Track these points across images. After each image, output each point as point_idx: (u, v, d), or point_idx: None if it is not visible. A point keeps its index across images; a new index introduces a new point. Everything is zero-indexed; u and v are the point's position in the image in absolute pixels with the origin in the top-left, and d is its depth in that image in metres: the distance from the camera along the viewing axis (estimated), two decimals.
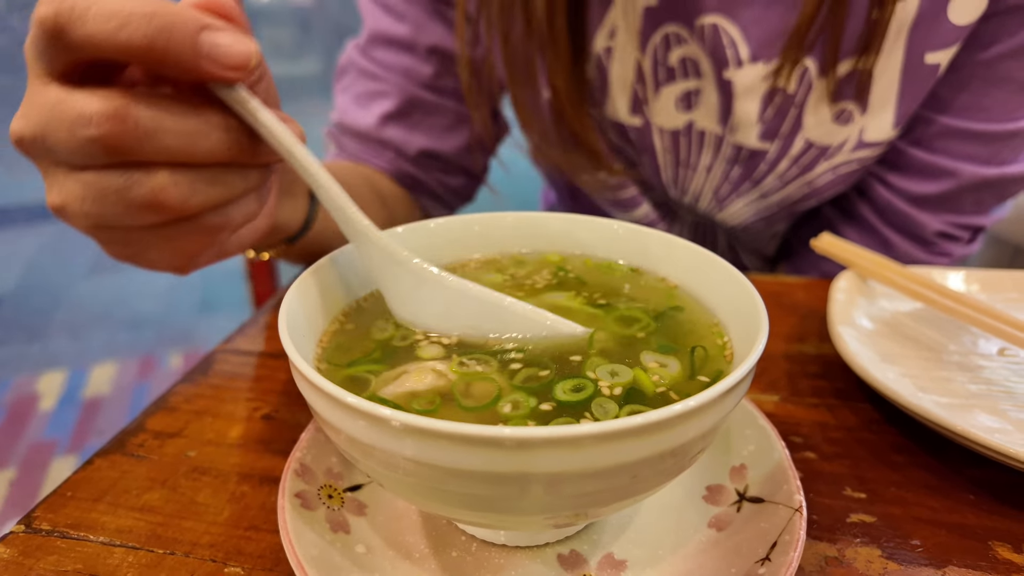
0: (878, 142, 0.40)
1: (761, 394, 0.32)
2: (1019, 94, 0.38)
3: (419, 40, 0.45)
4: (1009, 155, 0.41)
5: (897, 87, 0.38)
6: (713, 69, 0.40)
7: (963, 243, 0.46)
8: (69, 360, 1.95)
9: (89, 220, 0.23)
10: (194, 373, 0.33)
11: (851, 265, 0.37)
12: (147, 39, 0.19)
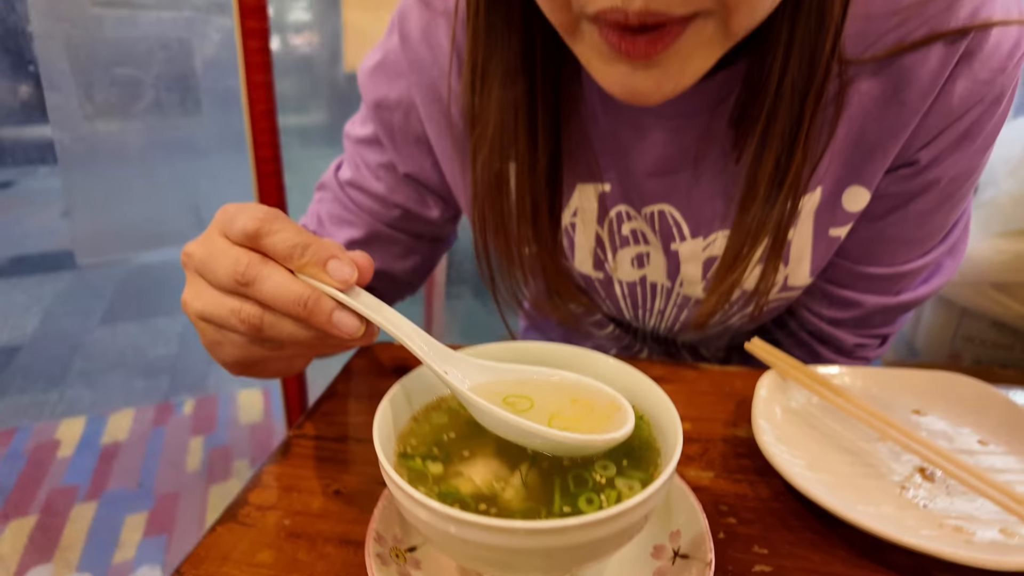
0: (799, 286, 0.52)
1: (701, 471, 0.43)
2: (904, 247, 0.51)
3: (390, 198, 0.57)
4: (905, 286, 0.53)
5: (810, 250, 0.50)
6: (660, 241, 0.52)
7: (876, 348, 0.58)
8: (87, 407, 2.03)
9: (208, 316, 0.35)
10: (276, 455, 0.45)
11: (772, 365, 0.49)
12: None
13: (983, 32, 0.41)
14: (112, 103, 0.87)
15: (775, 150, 0.41)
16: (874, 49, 0.42)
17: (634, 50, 0.34)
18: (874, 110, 0.44)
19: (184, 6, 0.88)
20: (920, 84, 0.42)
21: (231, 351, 0.36)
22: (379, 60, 0.54)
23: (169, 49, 0.89)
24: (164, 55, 0.89)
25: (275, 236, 0.32)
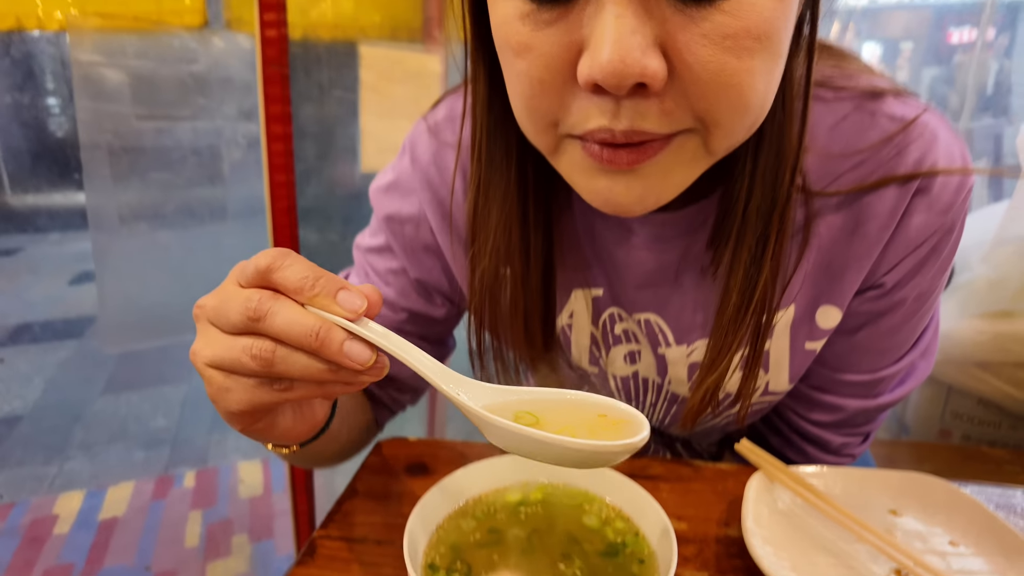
0: (780, 391, 0.57)
1: (696, 572, 0.47)
2: (878, 356, 0.55)
3: (399, 303, 0.61)
4: (882, 389, 0.57)
5: (788, 360, 0.55)
6: (648, 344, 0.57)
7: (859, 445, 0.62)
8: (86, 480, 2.02)
9: (218, 361, 0.34)
10: (305, 556, 0.48)
11: (760, 467, 0.53)
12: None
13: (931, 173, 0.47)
14: (146, 205, 0.94)
15: (744, 267, 0.46)
16: (836, 185, 0.48)
17: (617, 159, 0.36)
18: (840, 240, 0.50)
19: (216, 116, 0.97)
20: (880, 219, 0.48)
21: (239, 397, 0.35)
22: (392, 180, 0.60)
23: (200, 155, 0.97)
24: (195, 160, 0.97)
25: (286, 270, 0.33)
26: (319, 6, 1.12)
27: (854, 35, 6.64)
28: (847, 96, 0.48)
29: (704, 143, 0.37)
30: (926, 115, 0.47)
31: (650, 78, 0.32)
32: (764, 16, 0.32)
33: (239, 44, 1.02)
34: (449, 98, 0.59)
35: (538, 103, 0.37)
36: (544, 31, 0.34)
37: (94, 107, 0.86)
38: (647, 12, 0.32)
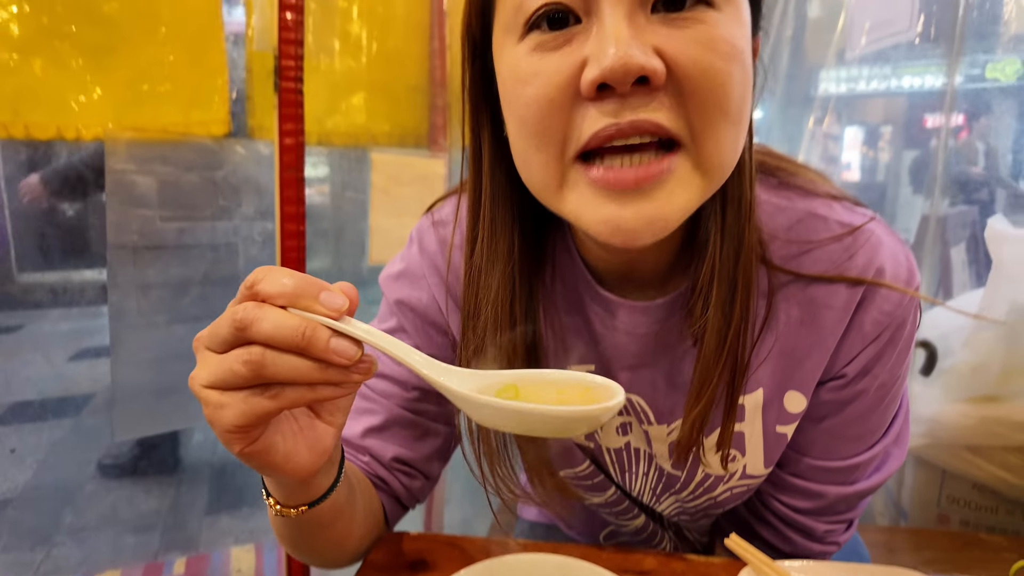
0: (758, 475, 0.60)
1: None
2: (850, 443, 0.58)
3: (411, 381, 0.62)
4: (859, 476, 0.60)
5: (761, 443, 0.58)
6: (636, 418, 0.60)
7: (843, 532, 0.64)
8: (73, 567, 1.96)
9: (213, 379, 0.35)
10: None
11: (748, 562, 0.56)
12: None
13: (879, 273, 0.52)
14: (164, 298, 0.99)
15: (719, 318, 0.49)
16: (793, 267, 0.53)
17: (622, 178, 0.39)
18: (800, 330, 0.54)
19: (235, 216, 1.04)
20: (834, 312, 0.52)
21: (234, 410, 0.35)
22: (402, 268, 0.63)
23: (217, 251, 1.03)
24: (213, 256, 1.03)
25: (267, 280, 0.34)
26: (334, 117, 1.22)
27: (835, 120, 6.92)
28: (800, 202, 0.54)
29: (698, 161, 0.41)
30: (872, 223, 0.53)
31: (651, 72, 0.37)
32: (732, 32, 0.40)
33: (259, 150, 1.10)
34: (453, 197, 0.64)
35: (548, 123, 0.41)
36: (550, 56, 0.40)
37: (123, 210, 0.93)
38: (642, 26, 0.39)
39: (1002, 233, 1.22)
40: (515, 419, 0.32)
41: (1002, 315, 1.21)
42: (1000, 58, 4.16)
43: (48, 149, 0.96)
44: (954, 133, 3.58)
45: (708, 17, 0.39)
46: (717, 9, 0.40)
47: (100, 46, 0.94)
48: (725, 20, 0.40)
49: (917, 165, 4.00)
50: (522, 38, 0.42)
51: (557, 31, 0.40)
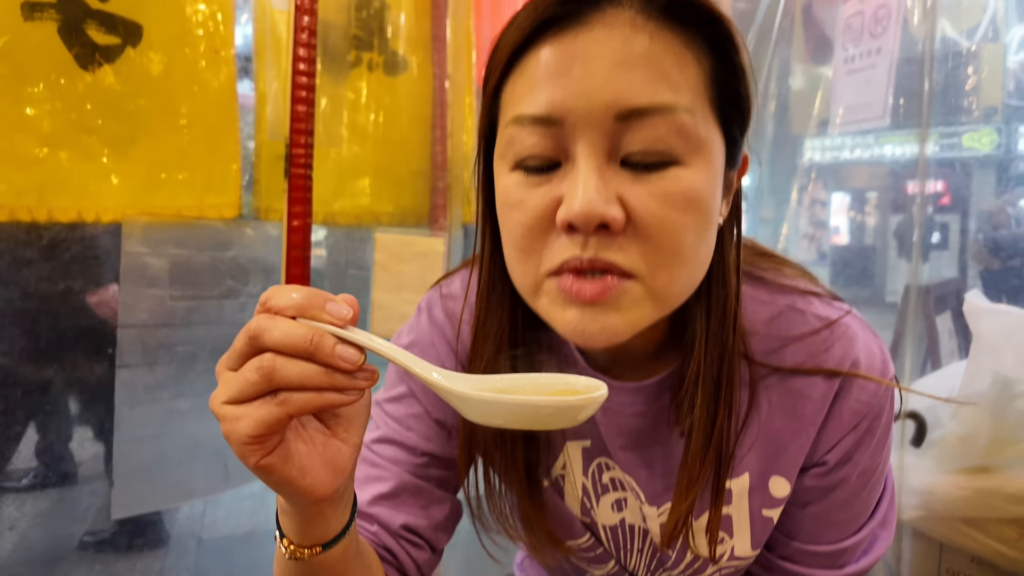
0: (746, 556, 0.61)
1: None
2: (835, 528, 0.60)
3: (420, 446, 0.63)
4: (847, 559, 0.61)
5: (748, 526, 0.59)
6: (630, 495, 0.61)
7: None
8: None
9: (229, 394, 0.37)
10: None
11: None
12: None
13: (854, 365, 0.55)
14: (170, 375, 1.01)
15: (705, 412, 0.52)
16: (773, 360, 0.56)
17: (583, 292, 0.44)
18: (780, 418, 0.56)
19: (242, 294, 1.08)
20: (813, 403, 0.54)
21: (249, 419, 0.37)
22: (412, 339, 0.66)
23: (223, 328, 1.06)
24: (218, 332, 1.06)
25: (277, 295, 0.38)
26: (340, 199, 1.28)
27: (822, 187, 7.13)
28: (780, 296, 0.58)
29: (652, 289, 0.45)
30: (848, 318, 0.57)
31: (611, 220, 0.42)
32: (693, 186, 0.44)
33: (267, 231, 1.15)
34: (461, 273, 0.68)
35: (527, 244, 0.46)
36: (533, 191, 0.45)
37: (136, 291, 0.97)
38: (609, 175, 0.43)
39: (979, 307, 1.27)
40: (504, 411, 0.36)
41: (985, 387, 1.24)
42: (975, 128, 4.33)
43: (70, 232, 1.01)
44: (934, 200, 3.69)
45: (670, 173, 0.44)
46: (682, 165, 0.44)
47: (123, 138, 1.00)
48: (688, 174, 0.44)
49: (902, 229, 4.08)
50: (512, 169, 0.47)
51: (539, 173, 0.46)
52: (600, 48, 0.43)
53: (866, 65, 1.66)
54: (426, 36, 1.42)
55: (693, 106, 0.44)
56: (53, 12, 0.97)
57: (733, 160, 0.50)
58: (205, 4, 1.06)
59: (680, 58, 0.44)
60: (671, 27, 0.44)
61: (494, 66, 0.49)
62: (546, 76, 0.44)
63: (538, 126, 0.44)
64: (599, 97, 0.42)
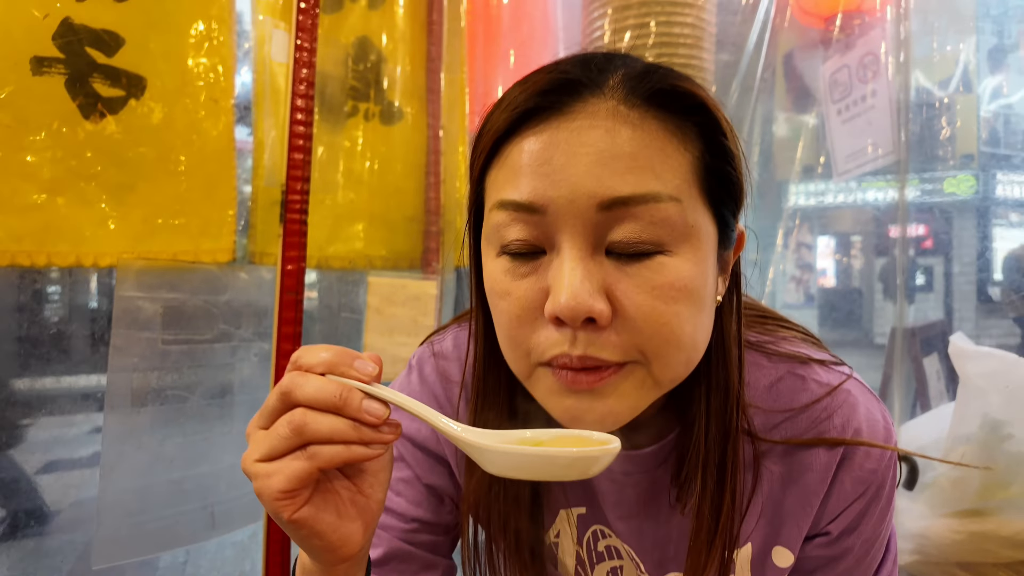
0: None
1: None
2: None
3: (410, 512, 0.63)
4: None
5: None
6: (627, 563, 0.61)
7: None
8: None
9: (261, 452, 0.39)
10: None
11: None
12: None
13: (856, 434, 0.52)
14: (157, 420, 1.01)
15: (710, 500, 0.51)
16: (775, 433, 0.55)
17: (578, 381, 0.43)
18: (784, 489, 0.55)
19: (234, 337, 1.08)
20: (816, 473, 0.53)
21: (281, 475, 0.39)
22: None
23: (214, 370, 1.06)
24: (209, 374, 1.06)
25: (308, 354, 0.40)
26: (334, 244, 1.30)
27: (808, 231, 7.23)
28: (780, 361, 0.57)
29: (649, 373, 0.44)
30: (849, 383, 0.55)
31: (597, 315, 0.41)
32: (682, 275, 0.43)
33: (261, 275, 1.16)
34: (454, 329, 0.67)
35: (516, 333, 0.46)
36: (520, 281, 0.45)
37: (128, 334, 0.97)
38: (594, 266, 0.43)
39: (964, 350, 1.29)
40: (522, 462, 0.38)
41: (974, 429, 1.26)
42: (954, 174, 4.45)
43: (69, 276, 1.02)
44: (917, 243, 3.76)
45: (657, 262, 0.43)
46: (669, 253, 0.43)
47: (122, 185, 1.02)
48: (676, 263, 0.43)
49: (886, 272, 4.14)
50: (498, 255, 0.47)
51: (524, 260, 0.45)
52: (582, 138, 0.43)
53: (864, 109, 1.72)
54: (421, 88, 1.46)
55: (679, 193, 0.43)
56: (61, 67, 1.00)
57: (727, 240, 0.50)
58: (207, 57, 1.09)
59: (665, 146, 0.43)
60: (656, 115, 0.44)
61: (479, 152, 0.48)
62: (529, 165, 0.44)
63: (521, 213, 0.44)
64: (581, 187, 0.42)
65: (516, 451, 0.38)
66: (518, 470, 0.39)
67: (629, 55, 0.50)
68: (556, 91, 0.44)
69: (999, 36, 2.75)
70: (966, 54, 2.41)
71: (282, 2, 1.20)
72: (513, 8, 1.47)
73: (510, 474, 0.39)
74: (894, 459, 0.55)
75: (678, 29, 1.26)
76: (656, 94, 0.44)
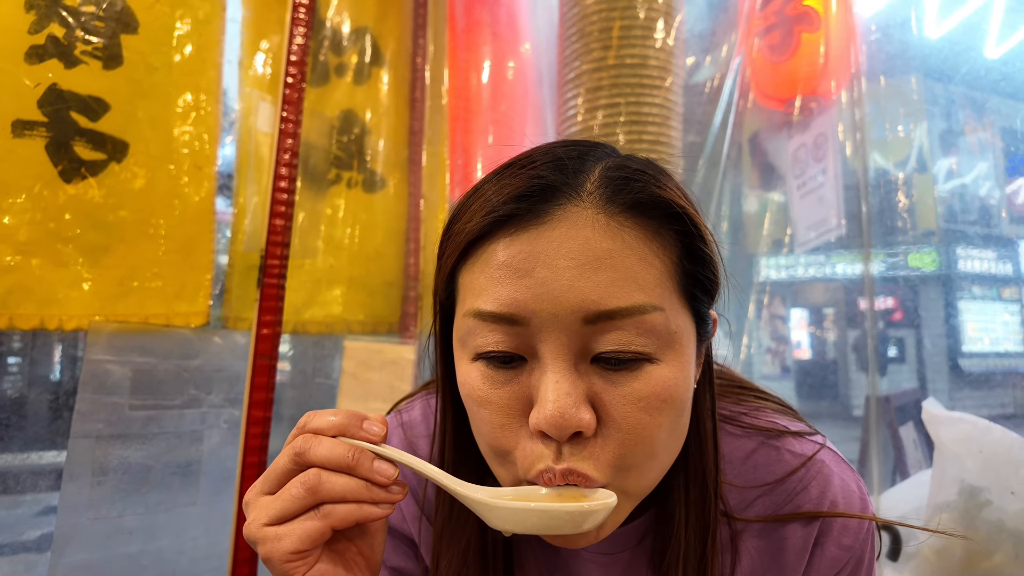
0: None
1: None
2: None
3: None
4: None
5: None
6: None
7: None
8: None
9: (271, 515, 0.40)
10: None
11: None
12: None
13: (832, 507, 0.52)
14: (119, 490, 0.96)
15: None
16: (751, 510, 0.54)
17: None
18: (762, 566, 0.54)
19: (204, 403, 1.05)
20: (794, 549, 0.52)
21: (293, 537, 0.40)
22: None
23: (182, 439, 1.03)
24: (176, 443, 1.02)
25: (317, 417, 0.42)
26: (311, 308, 1.30)
27: (781, 303, 7.39)
28: (753, 433, 0.57)
29: (623, 490, 0.44)
30: (823, 453, 0.54)
31: (585, 427, 0.42)
32: (667, 384, 0.43)
33: (235, 340, 1.15)
34: (421, 399, 0.66)
35: (499, 443, 0.45)
36: (500, 389, 0.44)
37: (93, 399, 0.94)
38: (578, 376, 0.42)
39: (937, 416, 1.30)
40: (527, 517, 0.41)
41: (953, 496, 1.25)
42: (918, 249, 4.64)
43: (28, 339, 1.00)
44: (886, 315, 3.85)
45: (644, 372, 0.42)
46: (655, 362, 0.43)
47: (99, 247, 1.02)
48: (662, 371, 0.43)
49: (859, 344, 4.21)
50: (473, 360, 0.45)
51: (504, 368, 0.44)
52: (563, 250, 0.42)
53: (817, 185, 1.81)
54: (403, 159, 1.51)
55: (661, 302, 0.43)
56: (43, 130, 1.02)
57: (704, 334, 0.50)
58: (192, 125, 1.12)
59: (646, 254, 0.43)
60: (635, 223, 0.43)
61: (451, 251, 0.47)
62: (508, 275, 0.43)
63: (501, 324, 0.43)
64: (565, 300, 0.41)
65: (518, 507, 0.41)
66: (520, 524, 0.41)
67: (601, 146, 0.50)
68: (532, 196, 0.43)
69: (947, 121, 2.95)
70: (919, 138, 2.57)
71: (269, 76, 1.25)
72: (493, 87, 1.55)
73: (512, 528, 0.42)
74: (872, 532, 0.54)
75: (647, 108, 1.34)
76: (635, 204, 0.43)
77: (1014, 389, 2.59)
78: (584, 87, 1.39)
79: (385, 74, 1.47)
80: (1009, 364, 3.30)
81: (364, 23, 1.42)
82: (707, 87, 1.81)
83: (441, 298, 0.51)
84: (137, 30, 1.10)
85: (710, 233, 0.48)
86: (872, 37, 1.98)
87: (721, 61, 1.80)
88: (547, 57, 1.61)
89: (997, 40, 2.23)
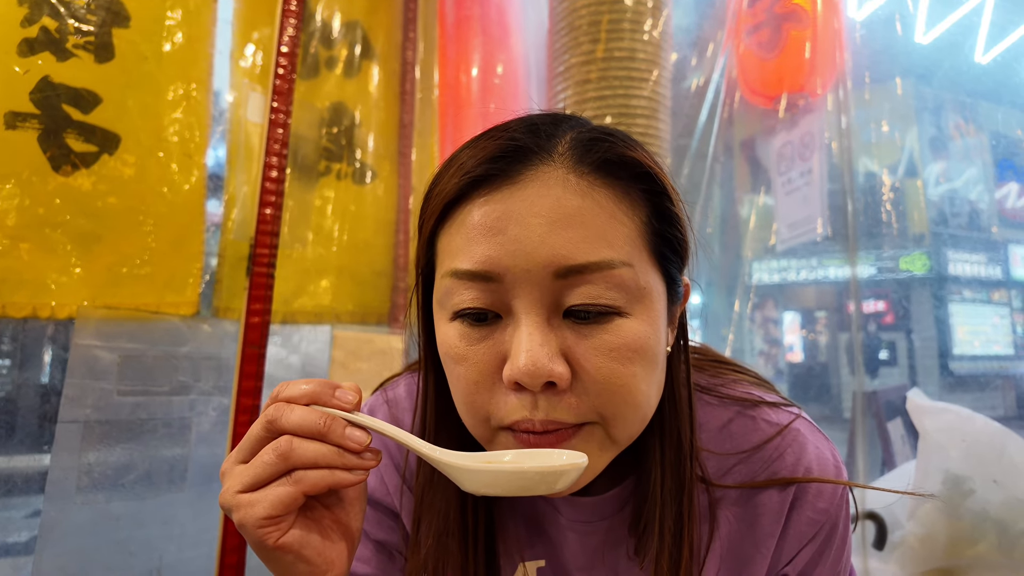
0: None
1: None
2: None
3: (358, 570, 0.60)
4: None
5: None
6: None
7: None
8: None
9: (244, 482, 0.40)
10: None
11: None
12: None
13: (807, 473, 0.53)
14: (107, 475, 0.96)
15: (668, 549, 0.51)
16: (729, 477, 0.55)
17: (539, 444, 0.44)
18: (741, 532, 0.55)
19: (193, 391, 1.06)
20: (770, 515, 0.53)
21: (265, 502, 0.40)
22: None
23: (170, 427, 1.03)
24: (165, 431, 1.03)
25: (290, 387, 0.42)
26: (301, 298, 1.30)
27: (773, 307, 7.41)
28: (730, 403, 0.58)
29: (607, 433, 0.45)
30: (798, 422, 0.56)
31: (557, 378, 0.43)
32: (637, 335, 0.44)
33: (225, 329, 1.16)
34: (407, 376, 0.67)
35: (474, 399, 0.46)
36: (476, 346, 0.46)
37: (81, 384, 0.94)
38: (551, 330, 0.44)
39: (921, 406, 1.32)
40: (497, 478, 0.41)
41: (937, 485, 1.26)
42: (908, 252, 4.68)
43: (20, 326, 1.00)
44: (877, 318, 3.88)
45: (614, 325, 0.44)
46: (625, 315, 0.44)
47: (89, 234, 1.03)
48: (632, 324, 0.44)
49: (851, 347, 4.22)
50: (452, 319, 0.47)
51: (480, 325, 0.45)
52: (535, 208, 0.43)
53: (802, 184, 1.83)
54: (393, 152, 1.52)
55: (631, 258, 0.44)
56: (35, 122, 1.02)
57: (675, 295, 0.51)
58: (183, 113, 1.13)
59: (615, 212, 0.45)
60: (605, 182, 0.45)
61: (428, 215, 0.49)
62: (482, 233, 0.44)
63: (476, 281, 0.44)
64: (537, 256, 0.43)
65: (490, 468, 0.41)
66: (492, 486, 0.41)
67: (576, 116, 0.52)
68: (506, 158, 0.45)
69: (937, 127, 2.99)
70: (910, 142, 2.60)
71: (260, 68, 1.26)
72: (482, 81, 1.57)
73: (485, 491, 0.42)
74: (846, 497, 0.55)
75: (635, 101, 1.36)
76: (604, 163, 0.45)
77: (1004, 391, 2.61)
78: (573, 80, 1.41)
79: (375, 67, 1.48)
80: (999, 367, 3.33)
81: (354, 16, 1.44)
82: (694, 85, 1.83)
83: (422, 264, 0.52)
84: (128, 22, 1.11)
85: (677, 194, 0.49)
86: (860, 42, 2.01)
87: (708, 58, 1.83)
88: (536, 52, 1.63)
89: (986, 45, 2.25)
